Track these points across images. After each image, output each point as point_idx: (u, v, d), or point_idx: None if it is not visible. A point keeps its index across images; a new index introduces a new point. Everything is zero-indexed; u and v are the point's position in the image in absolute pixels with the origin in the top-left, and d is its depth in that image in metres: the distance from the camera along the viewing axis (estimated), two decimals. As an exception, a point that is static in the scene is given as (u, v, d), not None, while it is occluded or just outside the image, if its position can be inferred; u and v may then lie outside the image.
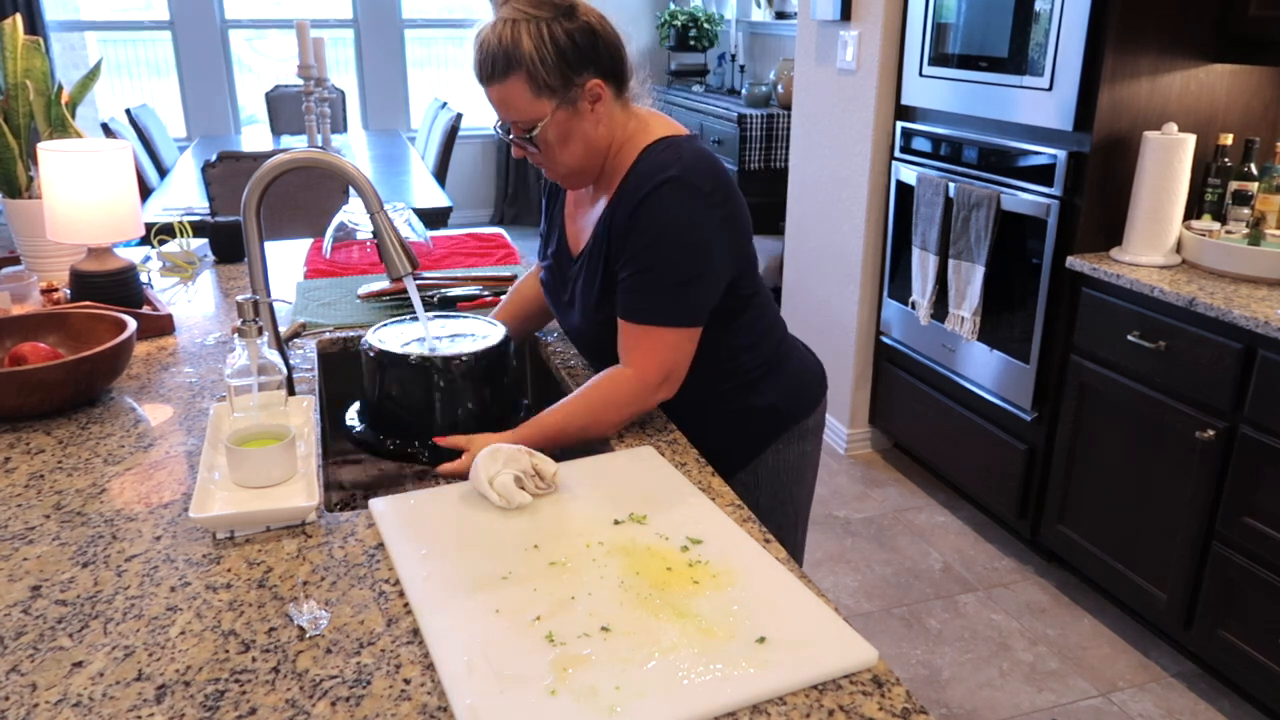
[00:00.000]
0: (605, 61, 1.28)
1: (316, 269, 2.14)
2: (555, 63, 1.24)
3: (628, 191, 1.31)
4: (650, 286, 1.30)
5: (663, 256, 1.29)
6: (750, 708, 0.82)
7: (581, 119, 1.29)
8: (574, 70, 1.25)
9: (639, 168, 1.32)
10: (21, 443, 1.32)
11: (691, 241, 1.29)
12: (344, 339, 1.74)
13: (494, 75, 1.26)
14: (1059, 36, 2.36)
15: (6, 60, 1.93)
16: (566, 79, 1.25)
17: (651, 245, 1.28)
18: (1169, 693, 2.25)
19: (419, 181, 4.36)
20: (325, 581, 1.01)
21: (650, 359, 1.30)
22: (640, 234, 1.29)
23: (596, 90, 1.28)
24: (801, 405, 1.52)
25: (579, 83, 1.26)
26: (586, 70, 1.26)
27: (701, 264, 1.30)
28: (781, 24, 5.16)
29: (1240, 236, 2.29)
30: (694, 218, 1.28)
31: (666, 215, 1.28)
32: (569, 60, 1.25)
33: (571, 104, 1.27)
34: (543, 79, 1.24)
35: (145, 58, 6.19)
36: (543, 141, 1.30)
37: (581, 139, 1.31)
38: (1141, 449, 2.29)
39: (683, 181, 1.28)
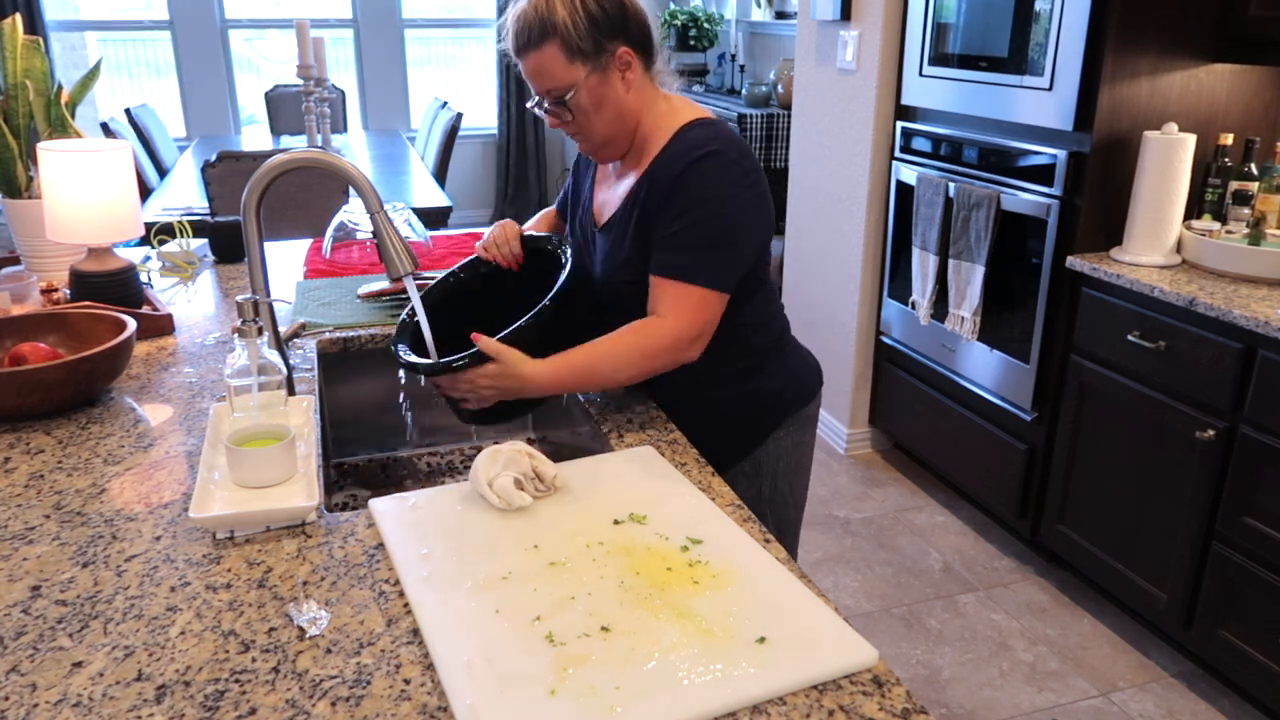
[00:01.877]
0: (634, 32, 1.36)
1: (316, 269, 2.14)
2: (588, 28, 1.31)
3: (666, 162, 1.37)
4: (691, 246, 1.34)
5: (704, 219, 1.34)
6: (750, 708, 0.82)
7: (613, 86, 1.36)
8: (605, 37, 1.32)
9: (677, 143, 1.37)
10: (21, 443, 1.32)
11: (730, 211, 1.35)
12: (344, 339, 1.74)
13: (530, 44, 1.32)
14: (1059, 36, 2.36)
15: (6, 60, 1.93)
16: (598, 44, 1.32)
17: (694, 208, 1.34)
18: (1169, 693, 2.25)
19: (419, 181, 4.36)
20: (325, 581, 1.01)
21: (686, 315, 1.34)
22: (684, 198, 1.34)
23: (627, 58, 1.35)
24: (803, 392, 1.56)
25: (610, 49, 1.33)
26: (617, 38, 1.34)
27: (736, 234, 1.36)
28: (781, 24, 5.15)
29: (1240, 236, 2.29)
30: (734, 190, 1.35)
31: (710, 183, 1.34)
32: (600, 26, 1.32)
33: (603, 70, 1.34)
34: (576, 44, 1.31)
35: (145, 58, 6.19)
36: (576, 107, 1.35)
37: (614, 105, 1.37)
38: (1141, 449, 2.29)
39: (725, 156, 1.34)
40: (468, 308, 1.52)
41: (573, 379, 1.34)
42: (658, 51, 1.41)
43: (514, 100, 6.57)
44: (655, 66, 1.42)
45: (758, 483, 1.54)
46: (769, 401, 1.52)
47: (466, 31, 6.72)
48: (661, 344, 1.34)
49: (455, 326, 1.43)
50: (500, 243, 1.55)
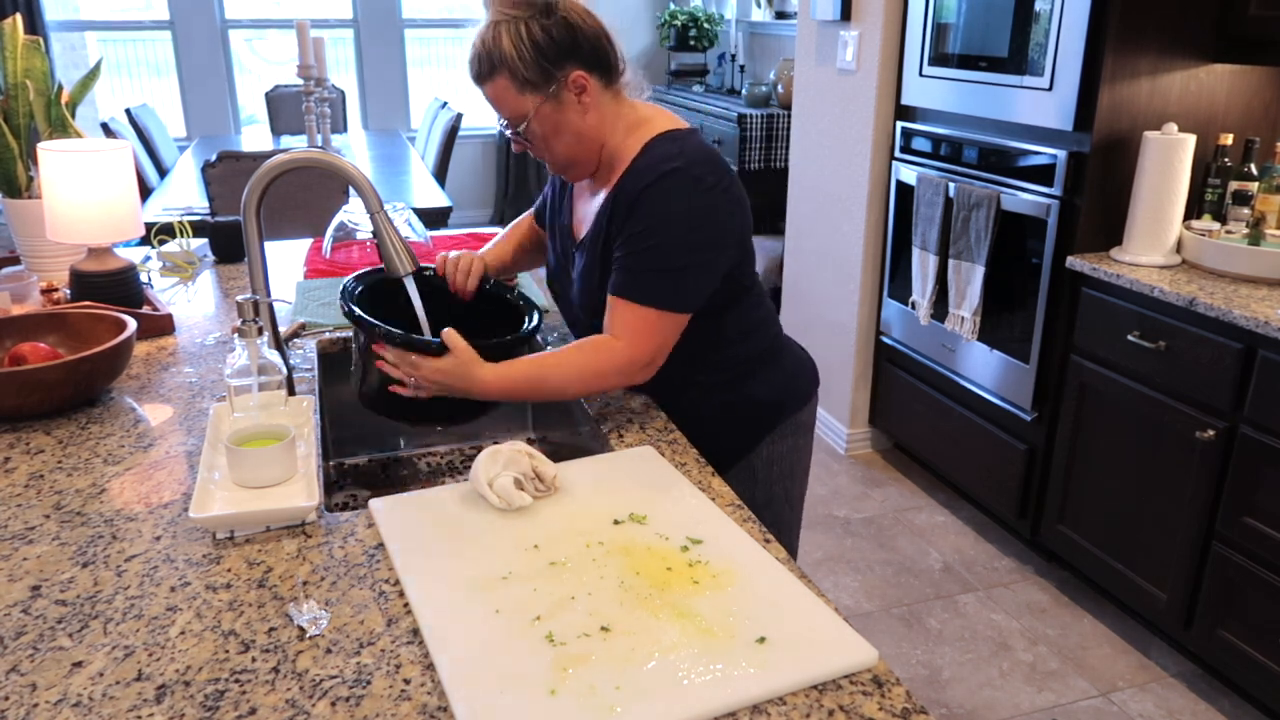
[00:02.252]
0: (588, 53, 1.33)
1: (316, 269, 2.14)
2: (534, 58, 1.29)
3: (630, 180, 1.34)
4: (645, 267, 1.33)
5: (661, 242, 1.32)
6: (750, 708, 0.82)
7: (567, 110, 1.34)
8: (553, 65, 1.30)
9: (642, 159, 1.35)
10: (21, 443, 1.32)
11: (689, 230, 1.32)
12: (344, 339, 1.74)
13: (481, 76, 1.33)
14: (1059, 36, 2.36)
15: (6, 60, 1.93)
16: (547, 74, 1.30)
17: (650, 230, 1.32)
18: (1169, 693, 2.25)
19: (419, 181, 4.36)
20: (325, 581, 1.01)
21: (640, 338, 1.34)
22: (640, 219, 1.32)
23: (580, 81, 1.32)
24: (795, 398, 1.54)
25: (559, 77, 1.31)
26: (568, 63, 1.31)
27: (697, 254, 1.34)
28: (781, 24, 5.15)
29: (1240, 236, 2.29)
30: (694, 208, 1.32)
31: (667, 203, 1.31)
32: (547, 55, 1.30)
33: (555, 97, 1.32)
34: (523, 76, 1.30)
35: (145, 58, 6.19)
36: (533, 135, 1.35)
37: (571, 130, 1.35)
38: (1141, 449, 2.29)
39: (686, 173, 1.32)
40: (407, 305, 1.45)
41: (522, 388, 1.33)
42: (619, 66, 1.38)
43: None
44: (620, 80, 1.39)
45: (752, 488, 1.52)
46: (758, 408, 1.51)
47: (467, 31, 6.69)
48: (613, 365, 1.33)
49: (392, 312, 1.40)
50: (461, 270, 1.52)
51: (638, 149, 1.37)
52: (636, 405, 1.46)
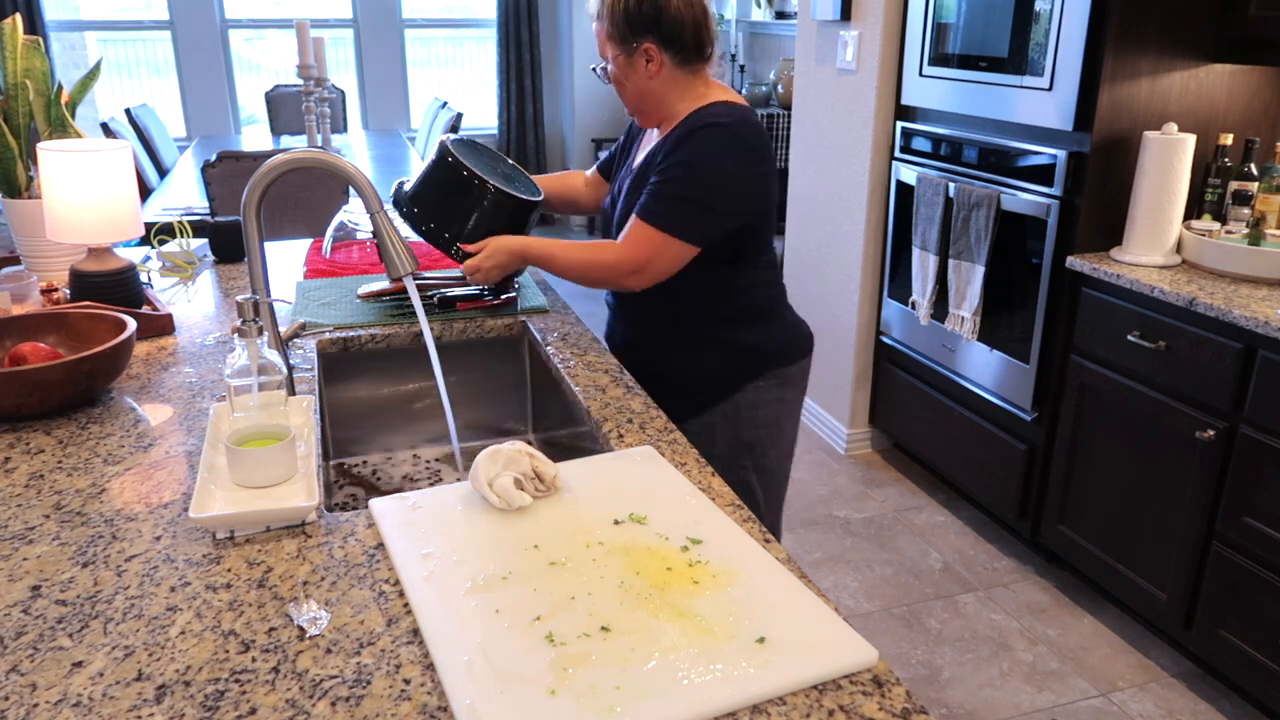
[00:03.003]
0: (666, 31, 1.58)
1: (316, 269, 2.14)
2: (622, 21, 1.59)
3: (681, 127, 1.60)
4: (662, 195, 1.57)
5: (684, 175, 1.56)
6: (750, 708, 0.82)
7: (635, 70, 1.62)
8: (633, 32, 1.59)
9: (696, 114, 1.60)
10: (21, 443, 1.32)
11: (712, 173, 1.56)
12: (344, 339, 1.74)
13: (594, 16, 1.64)
14: (1059, 36, 2.36)
15: (6, 60, 1.93)
16: (625, 36, 1.60)
17: (680, 164, 1.56)
18: (1169, 693, 2.25)
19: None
20: (325, 581, 1.01)
21: (635, 249, 1.59)
22: (676, 155, 1.57)
23: (650, 53, 1.60)
24: (785, 353, 1.73)
25: (636, 43, 1.60)
26: (645, 35, 1.59)
27: (712, 197, 1.57)
28: (781, 24, 5.15)
29: (1240, 236, 2.29)
30: (723, 156, 1.56)
31: (701, 147, 1.56)
32: (632, 22, 1.58)
33: (629, 56, 1.61)
34: (611, 30, 1.61)
35: (145, 58, 6.19)
36: (610, 76, 1.67)
37: (635, 86, 1.64)
38: (1141, 449, 2.29)
39: (728, 129, 1.56)
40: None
41: (540, 257, 1.66)
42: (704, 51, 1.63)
43: (514, 100, 6.57)
44: (699, 62, 1.63)
45: (736, 425, 1.70)
46: (748, 353, 1.70)
47: (466, 31, 6.72)
48: (605, 263, 1.61)
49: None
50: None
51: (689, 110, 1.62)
52: (637, 405, 1.46)
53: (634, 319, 1.77)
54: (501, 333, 1.84)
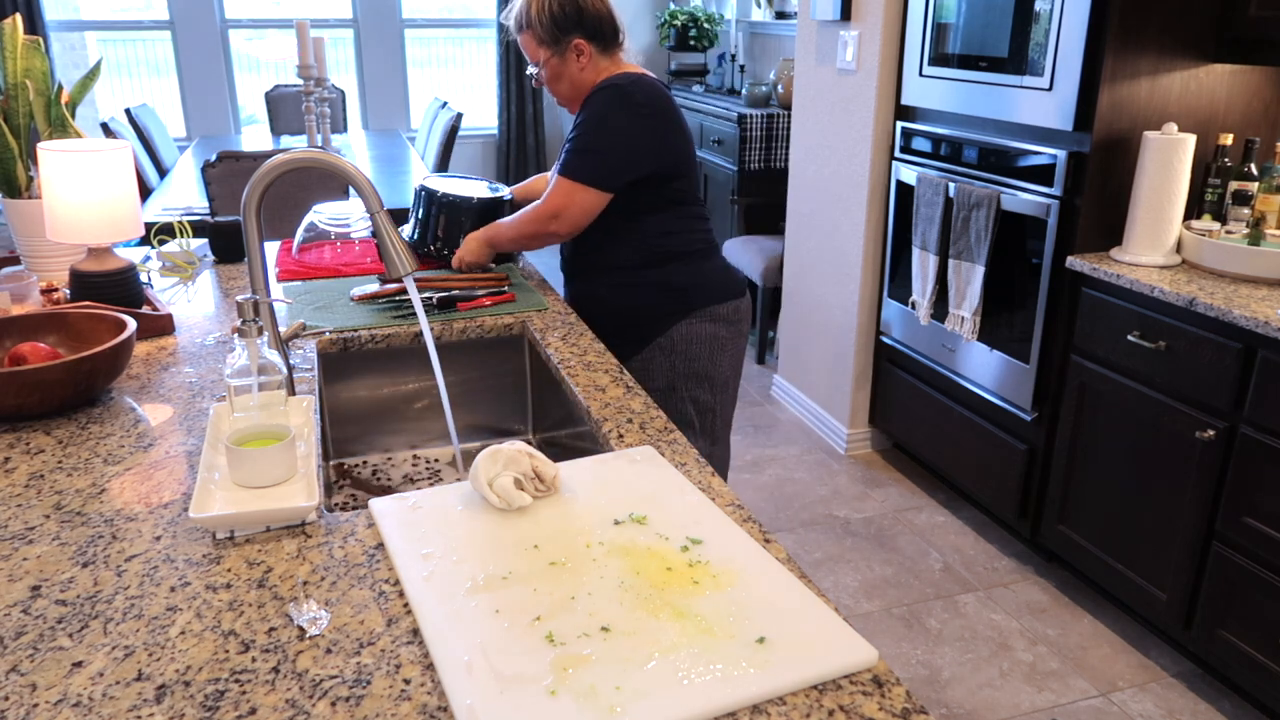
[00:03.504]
0: (590, 26, 1.87)
1: (288, 269, 2.12)
2: (549, 26, 1.86)
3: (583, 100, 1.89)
4: (569, 150, 1.86)
5: (583, 131, 1.84)
6: (750, 708, 0.82)
7: (568, 65, 1.90)
8: (562, 32, 1.86)
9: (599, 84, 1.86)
10: (21, 443, 1.32)
11: (603, 123, 1.83)
12: (344, 339, 1.74)
13: (518, 29, 1.91)
14: (1059, 36, 2.36)
15: (6, 60, 1.93)
16: (556, 37, 1.87)
17: (579, 124, 1.85)
18: (1169, 693, 2.25)
19: (419, 181, 4.35)
20: (325, 581, 1.01)
21: (551, 198, 1.87)
22: (577, 118, 1.87)
23: (580, 47, 1.88)
24: (710, 294, 1.94)
25: (566, 41, 1.87)
26: (573, 32, 1.86)
27: (606, 142, 1.83)
28: (781, 24, 5.15)
29: (1240, 236, 2.29)
30: (612, 110, 1.82)
31: (595, 107, 1.84)
32: (559, 24, 1.86)
33: (561, 54, 1.89)
34: (540, 35, 1.88)
35: (145, 58, 6.19)
36: (544, 77, 1.93)
37: (569, 79, 1.92)
38: (1141, 449, 2.29)
39: (620, 89, 1.83)
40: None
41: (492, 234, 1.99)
42: (618, 39, 1.91)
43: (514, 100, 6.57)
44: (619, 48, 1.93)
45: (671, 357, 1.92)
46: (677, 293, 1.92)
47: (466, 31, 6.72)
48: (530, 217, 1.90)
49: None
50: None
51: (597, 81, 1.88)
52: (637, 406, 1.46)
53: (578, 271, 2.03)
54: (501, 333, 1.84)
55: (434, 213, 2.11)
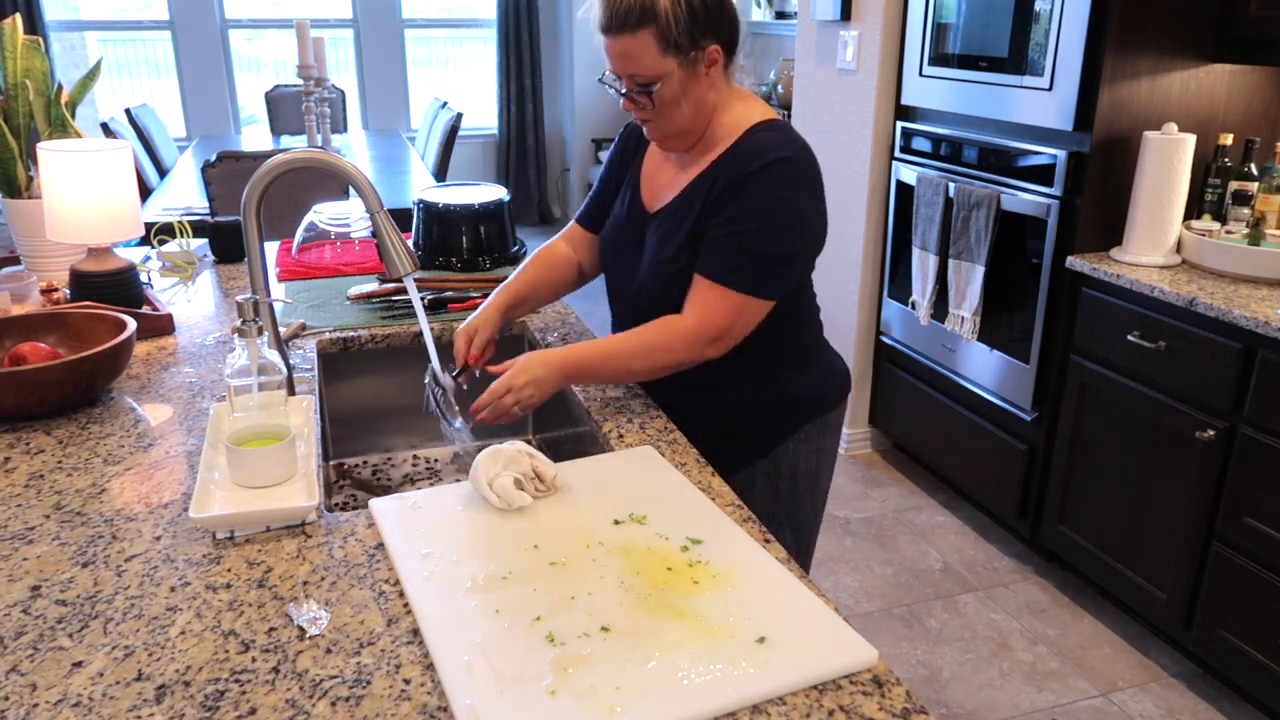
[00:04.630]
0: (726, 31, 1.35)
1: (289, 269, 2.13)
2: (687, 23, 1.29)
3: (734, 162, 1.36)
4: (741, 251, 1.34)
5: (762, 227, 1.34)
6: (750, 708, 0.82)
7: (698, 81, 1.34)
8: (701, 33, 1.31)
9: (750, 141, 1.37)
10: (21, 443, 1.32)
11: (792, 223, 1.36)
12: (344, 339, 1.74)
13: (624, 26, 1.28)
14: (1059, 36, 2.36)
15: (6, 60, 1.93)
16: (694, 40, 1.31)
17: (751, 214, 1.33)
18: (1169, 693, 2.25)
19: (419, 182, 4.36)
20: (325, 581, 1.01)
21: (714, 315, 1.35)
22: (744, 203, 1.34)
23: (714, 56, 1.34)
24: (828, 398, 1.56)
25: (702, 46, 1.32)
26: (710, 35, 1.32)
27: (795, 245, 1.38)
28: (781, 24, 5.15)
29: (1240, 236, 2.29)
30: (801, 202, 1.36)
31: (777, 192, 1.33)
32: (699, 23, 1.30)
33: (691, 65, 1.33)
34: (673, 37, 1.29)
35: (145, 58, 6.19)
36: (659, 98, 1.34)
37: (694, 100, 1.36)
38: (1141, 449, 2.29)
39: (796, 164, 1.35)
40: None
41: (585, 368, 1.37)
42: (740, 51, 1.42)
43: (514, 100, 6.57)
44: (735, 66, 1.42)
45: (774, 481, 1.53)
46: (791, 405, 1.51)
47: (466, 31, 6.72)
48: (681, 340, 1.36)
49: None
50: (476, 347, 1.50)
51: (738, 131, 1.39)
52: (637, 406, 1.46)
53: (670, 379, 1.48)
54: (501, 332, 1.83)
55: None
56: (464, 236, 2.12)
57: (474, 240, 2.13)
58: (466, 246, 2.12)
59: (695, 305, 1.37)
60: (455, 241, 2.12)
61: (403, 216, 2.79)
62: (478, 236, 2.13)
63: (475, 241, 2.13)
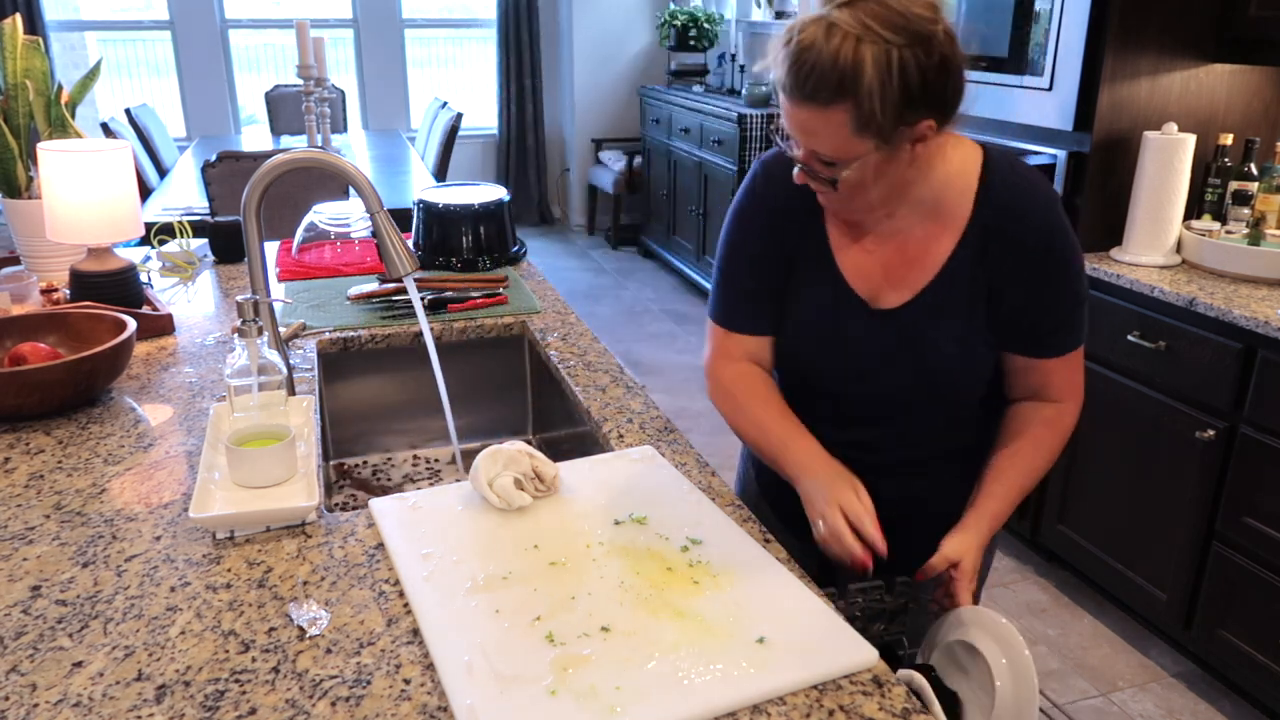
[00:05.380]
0: (948, 102, 1.05)
1: (289, 269, 2.13)
2: (897, 102, 1.00)
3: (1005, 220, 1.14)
4: (1074, 310, 1.18)
5: (1078, 273, 1.17)
6: (750, 708, 0.82)
7: (898, 162, 1.07)
8: (912, 111, 1.02)
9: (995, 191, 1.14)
10: (21, 443, 1.32)
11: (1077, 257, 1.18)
12: (344, 339, 1.74)
13: (814, 96, 1.01)
14: (1059, 36, 2.36)
15: (6, 60, 1.93)
16: (900, 119, 1.02)
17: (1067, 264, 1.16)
18: (1169, 693, 2.25)
19: (419, 181, 4.36)
20: (325, 581, 1.01)
21: (1077, 380, 1.22)
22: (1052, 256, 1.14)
23: (925, 132, 1.04)
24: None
25: (910, 123, 1.03)
26: (923, 111, 1.03)
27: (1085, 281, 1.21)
28: (781, 24, 5.15)
29: (1240, 236, 2.29)
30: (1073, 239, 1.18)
31: (1070, 237, 1.16)
32: (912, 100, 1.01)
33: (892, 145, 1.04)
34: (874, 117, 1.01)
35: (145, 58, 6.19)
36: (844, 182, 1.07)
37: (888, 181, 1.09)
38: (1141, 449, 2.29)
39: (1050, 188, 1.19)
40: None
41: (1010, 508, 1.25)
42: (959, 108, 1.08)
43: (514, 100, 6.57)
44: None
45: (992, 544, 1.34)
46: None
47: (466, 31, 6.72)
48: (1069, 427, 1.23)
49: None
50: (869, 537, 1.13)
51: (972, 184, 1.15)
52: (637, 405, 1.46)
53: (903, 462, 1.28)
54: (501, 333, 1.84)
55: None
56: (464, 237, 2.12)
57: (474, 240, 2.13)
58: (466, 247, 2.12)
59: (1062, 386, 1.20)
60: (455, 242, 2.12)
61: (403, 216, 2.80)
62: (478, 237, 2.13)
63: (475, 242, 2.13)
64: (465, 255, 2.12)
